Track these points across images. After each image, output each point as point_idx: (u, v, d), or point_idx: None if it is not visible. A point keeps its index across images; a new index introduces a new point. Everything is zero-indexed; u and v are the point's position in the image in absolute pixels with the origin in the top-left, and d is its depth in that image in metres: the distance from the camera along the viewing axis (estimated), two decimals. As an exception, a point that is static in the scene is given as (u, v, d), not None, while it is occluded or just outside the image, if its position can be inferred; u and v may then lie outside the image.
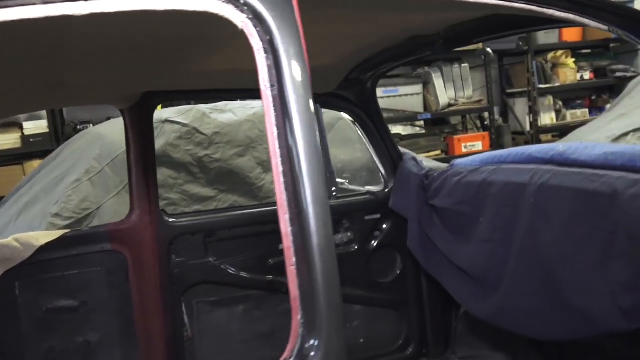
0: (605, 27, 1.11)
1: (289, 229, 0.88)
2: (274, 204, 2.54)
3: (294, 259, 0.87)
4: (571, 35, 7.29)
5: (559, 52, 7.34)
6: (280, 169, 0.88)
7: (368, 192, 2.51)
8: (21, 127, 5.98)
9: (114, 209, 3.30)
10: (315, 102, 2.41)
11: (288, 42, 0.86)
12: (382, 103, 6.80)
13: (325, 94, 2.27)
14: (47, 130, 5.93)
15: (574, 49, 7.55)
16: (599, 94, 7.84)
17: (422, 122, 7.35)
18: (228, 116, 3.72)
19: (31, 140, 6.04)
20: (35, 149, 5.87)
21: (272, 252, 2.33)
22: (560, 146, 1.92)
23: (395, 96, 7.10)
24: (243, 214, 2.32)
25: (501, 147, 7.51)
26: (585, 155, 1.80)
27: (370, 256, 2.49)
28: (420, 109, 7.17)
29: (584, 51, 7.70)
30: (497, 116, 7.80)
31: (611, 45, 7.70)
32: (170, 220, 2.16)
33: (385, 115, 6.85)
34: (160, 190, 3.45)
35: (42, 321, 1.99)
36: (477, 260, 2.02)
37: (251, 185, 3.68)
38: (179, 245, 2.17)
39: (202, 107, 3.69)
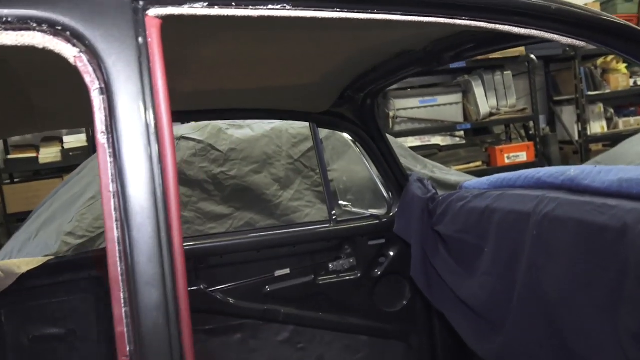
0: (582, 43, 0.94)
1: (123, 310, 0.73)
2: (268, 228, 2.42)
3: (127, 348, 0.73)
4: (623, 38, 6.86)
5: (609, 57, 6.93)
6: (116, 234, 0.74)
7: (372, 216, 2.36)
8: (61, 141, 6.18)
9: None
10: (310, 121, 2.30)
11: (132, 81, 0.74)
12: (420, 113, 6.70)
13: (320, 113, 2.15)
14: (85, 144, 6.09)
15: (626, 53, 7.11)
16: (655, 101, 7.34)
17: (462, 133, 7.09)
18: (245, 132, 3.65)
19: (70, 154, 6.22)
20: (74, 163, 6.03)
21: (268, 280, 2.22)
22: (572, 170, 1.71)
23: (434, 106, 6.90)
24: (235, 239, 2.21)
25: (547, 157, 7.16)
26: (598, 181, 1.59)
27: (376, 284, 2.34)
28: (460, 118, 6.93)
29: (637, 55, 7.23)
30: (543, 125, 7.44)
31: (668, 48, 7.19)
32: None
33: (423, 125, 6.77)
34: (175, 208, 3.42)
35: (28, 350, 1.95)
36: (480, 294, 1.84)
37: (268, 202, 3.59)
38: None
39: (219, 123, 3.64)
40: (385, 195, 2.32)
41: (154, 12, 0.75)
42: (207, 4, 0.73)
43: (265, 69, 1.66)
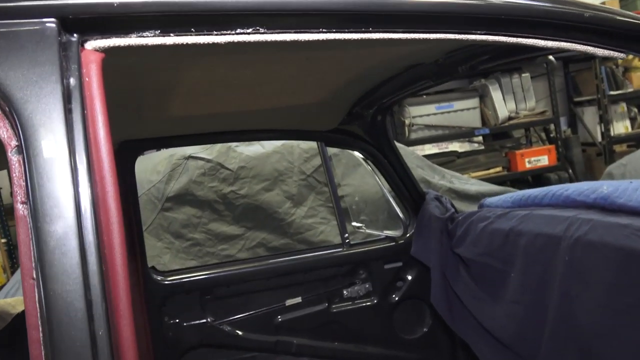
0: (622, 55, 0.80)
1: None
2: (277, 255, 2.28)
3: None
4: (645, 35, 6.63)
5: (631, 55, 6.69)
6: (40, 337, 0.60)
7: (387, 238, 2.21)
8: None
9: (136, 252, 3.19)
10: (318, 140, 2.17)
11: (55, 136, 0.60)
12: (436, 119, 6.54)
13: (329, 131, 2.02)
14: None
15: (648, 50, 6.90)
16: (681, 98, 7.09)
17: (480, 138, 6.92)
18: (255, 149, 3.54)
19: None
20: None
21: (278, 309, 2.09)
22: (605, 187, 1.56)
23: (450, 111, 6.75)
24: (242, 268, 2.09)
25: (570, 160, 6.94)
26: (635, 199, 1.44)
27: (393, 310, 2.19)
28: (478, 123, 6.77)
29: (660, 52, 6.99)
30: (564, 127, 7.23)
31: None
32: (160, 278, 1.97)
33: (440, 132, 6.61)
34: (184, 230, 3.32)
35: None
36: (507, 324, 1.68)
37: (280, 220, 3.47)
38: (171, 306, 1.97)
39: (228, 140, 3.54)
40: (401, 215, 2.18)
41: (92, 44, 0.62)
42: (159, 31, 0.60)
43: (269, 89, 1.55)
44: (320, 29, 0.62)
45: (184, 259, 3.24)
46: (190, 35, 0.61)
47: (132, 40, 0.60)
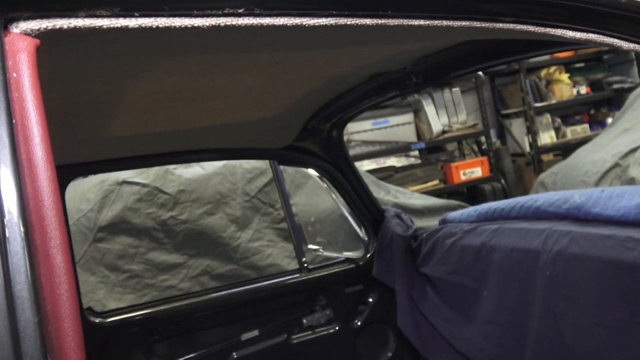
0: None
1: None
2: (229, 285, 2.10)
3: None
4: (563, 49, 6.99)
5: (552, 68, 7.05)
6: None
7: (347, 260, 2.09)
8: None
9: (66, 289, 2.89)
10: (270, 159, 2.03)
11: None
12: (373, 135, 6.54)
13: (282, 149, 1.88)
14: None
15: (566, 64, 7.28)
16: (598, 108, 7.53)
17: (416, 152, 7.01)
18: (194, 171, 3.34)
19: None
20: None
21: (234, 345, 1.90)
22: (577, 195, 1.51)
23: (387, 127, 6.80)
24: (191, 302, 1.89)
25: (502, 171, 7.14)
26: (611, 208, 1.39)
27: (357, 336, 2.06)
28: (414, 138, 6.85)
29: (577, 65, 7.40)
30: (494, 139, 7.46)
31: (605, 56, 7.38)
32: (97, 320, 1.74)
33: (377, 147, 6.63)
34: (120, 262, 3.05)
35: None
36: (484, 346, 1.59)
37: (225, 246, 3.27)
38: (113, 350, 1.74)
39: (165, 163, 3.31)
40: (360, 234, 2.06)
41: (23, 27, 0.45)
42: (118, 9, 0.44)
43: (224, 103, 1.39)
44: (330, 10, 0.49)
45: (121, 293, 2.97)
46: (162, 16, 0.45)
47: (80, 21, 0.43)
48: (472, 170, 6.85)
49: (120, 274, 3.00)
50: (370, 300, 2.07)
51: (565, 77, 7.20)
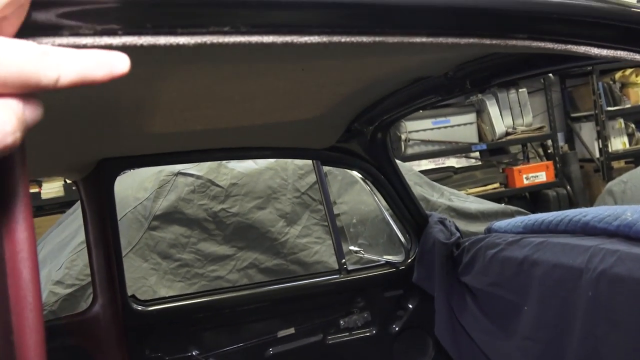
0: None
1: None
2: (265, 282, 2.12)
3: None
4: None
5: (628, 71, 6.66)
6: None
7: (387, 263, 2.06)
8: (63, 175, 6.02)
9: (120, 274, 3.02)
10: (313, 159, 2.03)
11: None
12: (433, 134, 6.43)
13: (325, 149, 1.87)
14: (85, 178, 5.88)
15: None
16: (678, 114, 7.04)
17: (477, 154, 6.84)
18: (247, 165, 3.40)
19: (73, 188, 6.03)
20: (78, 197, 5.83)
21: (269, 341, 1.93)
22: (629, 212, 1.42)
23: (447, 127, 6.67)
24: (231, 295, 1.93)
25: (568, 177, 6.84)
26: (664, 228, 1.30)
27: (394, 341, 2.04)
28: (475, 139, 6.69)
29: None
30: (561, 143, 7.15)
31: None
32: (140, 308, 1.80)
33: (437, 147, 6.52)
34: (172, 250, 3.16)
35: None
36: (521, 363, 1.54)
37: (273, 240, 3.31)
38: (153, 338, 1.81)
39: (219, 156, 3.39)
40: (402, 239, 2.03)
41: None
42: (100, 28, 0.44)
43: (259, 104, 1.40)
44: (323, 30, 0.48)
45: (171, 281, 3.07)
46: (146, 34, 0.45)
47: (64, 40, 0.44)
48: (535, 174, 6.60)
49: (171, 262, 3.10)
50: (410, 305, 2.04)
51: (641, 80, 6.80)
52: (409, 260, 2.03)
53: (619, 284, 1.24)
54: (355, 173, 2.00)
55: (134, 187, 3.21)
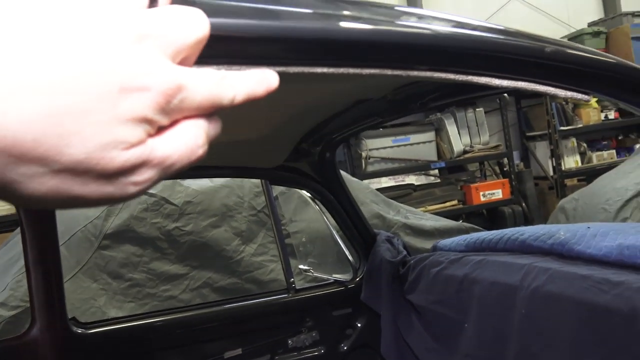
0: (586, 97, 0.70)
1: None
2: (211, 303, 2.08)
3: None
4: (592, 73, 6.84)
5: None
6: None
7: (336, 282, 2.07)
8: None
9: (68, 295, 2.93)
10: (261, 178, 2.03)
11: None
12: (393, 152, 6.52)
13: (274, 168, 1.88)
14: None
15: (596, 88, 7.13)
16: (626, 134, 7.33)
17: (436, 171, 6.95)
18: (202, 182, 3.37)
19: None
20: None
21: None
22: (562, 232, 1.47)
23: (407, 145, 6.76)
24: (176, 316, 1.89)
25: (523, 194, 7.01)
26: (594, 247, 1.35)
27: (343, 360, 2.03)
28: (434, 157, 6.81)
29: (607, 89, 7.22)
30: (517, 161, 7.34)
31: (637, 81, 7.20)
32: (80, 331, 1.76)
33: (397, 165, 6.59)
34: (123, 270, 3.09)
35: None
36: (463, 381, 1.55)
37: (228, 259, 3.28)
38: None
39: (174, 174, 3.35)
40: (350, 258, 2.04)
41: None
42: None
43: None
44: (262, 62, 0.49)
45: (122, 301, 3.00)
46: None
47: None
48: (492, 192, 6.75)
49: (122, 282, 3.04)
50: (359, 324, 2.04)
51: (593, 101, 7.06)
52: (358, 279, 2.04)
53: (550, 301, 1.28)
54: (305, 192, 2.01)
55: (85, 205, 3.14)
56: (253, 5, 0.49)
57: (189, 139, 0.38)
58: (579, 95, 0.68)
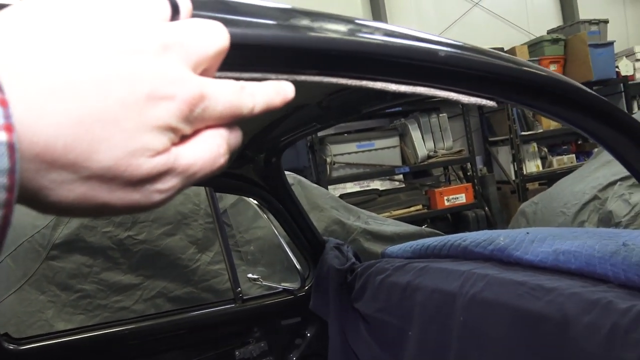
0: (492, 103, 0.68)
1: None
2: (155, 315, 2.03)
3: None
4: (551, 79, 6.98)
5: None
6: None
7: (285, 291, 2.03)
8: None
9: (14, 308, 2.82)
10: (205, 185, 1.98)
11: None
12: (357, 157, 6.52)
13: (218, 175, 1.83)
14: None
15: (555, 93, 7.28)
16: (586, 139, 7.48)
17: (401, 176, 6.99)
18: (157, 190, 3.28)
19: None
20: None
21: None
22: (502, 237, 1.46)
23: (372, 150, 6.77)
24: (116, 329, 1.82)
25: (486, 198, 7.10)
26: (531, 253, 1.35)
27: (292, 370, 1.99)
28: (398, 162, 6.84)
29: (566, 95, 7.38)
30: (480, 166, 7.44)
31: (594, 88, 7.38)
32: (12, 347, 1.67)
33: (361, 170, 6.59)
34: (73, 281, 2.99)
35: None
36: (407, 389, 1.53)
37: (183, 267, 3.21)
38: None
39: (127, 181, 3.26)
40: (298, 266, 2.01)
41: None
42: None
43: None
44: None
45: (71, 314, 2.91)
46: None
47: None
48: (455, 196, 6.81)
49: (71, 293, 2.94)
50: (308, 333, 2.00)
51: (552, 106, 7.21)
52: (307, 287, 2.00)
53: (486, 308, 1.27)
54: (252, 200, 1.97)
55: (32, 213, 3.03)
56: None
57: (212, 148, 0.39)
58: (483, 101, 0.66)
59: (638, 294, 1.08)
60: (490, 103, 0.67)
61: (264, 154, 1.78)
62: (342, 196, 6.36)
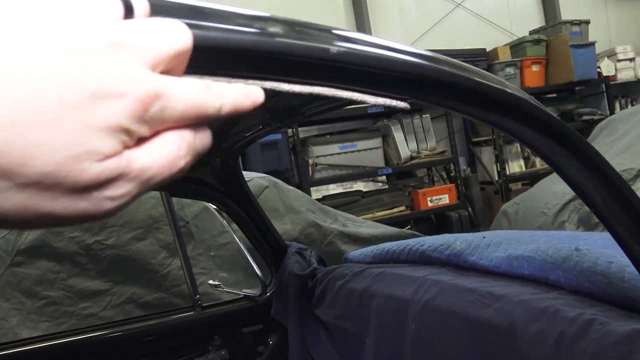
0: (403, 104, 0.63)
1: None
2: (110, 324, 1.97)
3: None
4: (534, 80, 6.99)
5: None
6: None
7: (246, 297, 1.97)
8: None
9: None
10: (160, 190, 1.93)
11: None
12: (340, 159, 6.48)
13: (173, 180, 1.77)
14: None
15: (538, 94, 7.28)
16: (568, 139, 7.49)
17: (384, 177, 6.96)
18: (127, 194, 3.22)
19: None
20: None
21: None
22: (459, 242, 1.42)
23: (354, 151, 6.74)
24: (72, 339, 1.76)
25: (470, 198, 7.09)
26: (486, 258, 1.31)
27: (254, 378, 1.94)
28: (381, 163, 6.81)
29: (549, 96, 7.39)
30: (463, 166, 7.43)
31: (576, 88, 7.40)
32: None
33: (344, 172, 6.54)
34: (38, 288, 2.91)
35: None
36: (364, 399, 1.49)
37: (154, 273, 3.14)
38: None
39: (96, 184, 3.20)
40: (258, 272, 1.95)
41: None
42: None
43: None
44: None
45: (36, 321, 2.83)
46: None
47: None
48: (439, 197, 6.79)
49: (37, 300, 2.87)
50: (270, 341, 1.95)
51: (535, 106, 7.21)
52: (269, 294, 1.95)
53: (438, 316, 1.23)
54: (210, 205, 1.91)
55: (-4, 219, 2.96)
56: None
57: (170, 150, 0.37)
58: (394, 102, 0.62)
59: (588, 300, 1.04)
60: (402, 104, 0.63)
61: (221, 156, 1.73)
62: (325, 198, 6.32)
